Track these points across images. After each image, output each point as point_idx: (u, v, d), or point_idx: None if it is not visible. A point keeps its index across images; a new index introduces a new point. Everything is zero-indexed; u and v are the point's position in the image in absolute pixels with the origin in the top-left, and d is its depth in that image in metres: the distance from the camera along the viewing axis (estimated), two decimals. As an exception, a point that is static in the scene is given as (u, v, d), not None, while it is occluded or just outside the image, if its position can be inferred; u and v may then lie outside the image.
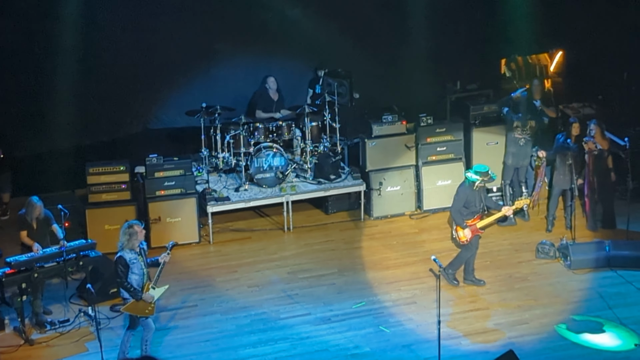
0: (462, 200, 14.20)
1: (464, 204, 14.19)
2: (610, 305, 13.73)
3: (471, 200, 14.17)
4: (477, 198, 14.20)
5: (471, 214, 14.20)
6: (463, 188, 14.24)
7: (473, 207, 14.20)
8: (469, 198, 14.17)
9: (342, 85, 17.24)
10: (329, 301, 14.16)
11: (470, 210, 14.21)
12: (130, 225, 12.28)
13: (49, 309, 13.86)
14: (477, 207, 14.21)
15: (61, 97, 16.76)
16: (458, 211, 14.22)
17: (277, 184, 16.41)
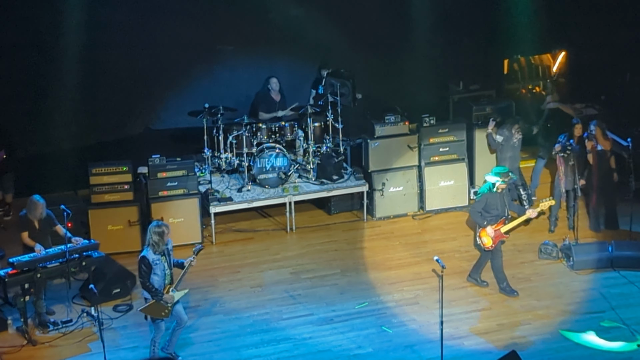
0: (482, 202, 13.91)
1: (486, 207, 13.91)
2: (613, 306, 13.73)
3: (492, 203, 13.90)
4: (499, 202, 13.90)
5: (494, 219, 13.92)
6: (483, 191, 14.01)
7: (495, 211, 13.91)
8: (490, 201, 13.90)
9: (344, 85, 17.24)
10: (332, 302, 14.16)
11: (493, 214, 13.91)
12: (159, 225, 12.23)
13: (52, 309, 13.87)
14: (499, 211, 13.92)
15: (64, 98, 16.78)
16: (477, 212, 13.94)
17: (279, 184, 16.41)
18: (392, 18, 18.25)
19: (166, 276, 12.28)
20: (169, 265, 12.30)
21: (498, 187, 13.85)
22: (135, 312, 13.96)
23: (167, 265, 12.27)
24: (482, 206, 13.90)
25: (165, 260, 12.24)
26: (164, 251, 12.23)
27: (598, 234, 15.72)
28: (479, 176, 17.03)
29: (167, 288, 12.27)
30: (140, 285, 12.35)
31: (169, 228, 12.26)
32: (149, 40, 17.27)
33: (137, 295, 14.21)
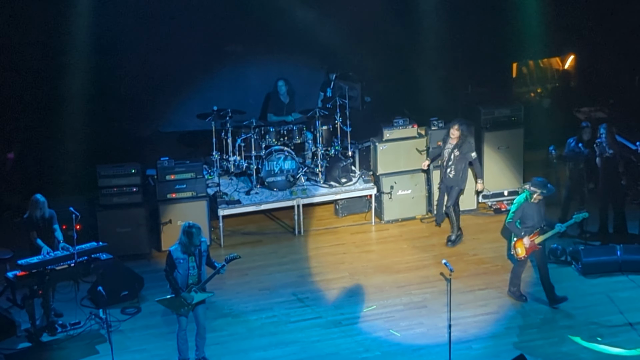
0: (518, 212, 13.69)
1: (522, 217, 13.70)
2: (621, 310, 13.70)
3: (529, 214, 13.67)
4: (535, 212, 13.68)
5: (529, 230, 13.72)
6: (520, 201, 13.76)
7: (531, 222, 13.67)
8: (526, 211, 13.67)
9: (353, 88, 17.24)
10: (340, 305, 14.16)
11: (528, 225, 13.70)
12: (190, 225, 12.22)
13: (60, 311, 13.88)
14: (535, 222, 13.69)
15: (73, 101, 16.79)
16: (514, 223, 13.75)
17: (288, 187, 16.42)
18: (401, 21, 18.23)
19: (190, 276, 12.29)
20: (198, 265, 12.30)
21: (535, 197, 13.61)
22: (143, 314, 13.99)
23: (196, 265, 12.28)
24: (519, 216, 13.70)
25: (193, 260, 12.25)
26: (195, 251, 12.24)
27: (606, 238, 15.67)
28: (487, 179, 17.00)
29: (190, 287, 12.29)
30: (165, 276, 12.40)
31: (200, 230, 12.24)
32: (157, 42, 17.28)
33: (145, 298, 14.24)
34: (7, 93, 16.90)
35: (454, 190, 15.64)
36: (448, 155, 15.51)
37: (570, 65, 19.60)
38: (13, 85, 16.89)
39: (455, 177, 15.52)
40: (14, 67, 16.80)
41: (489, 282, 14.64)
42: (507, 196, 17.03)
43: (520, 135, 17.11)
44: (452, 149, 15.45)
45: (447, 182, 15.67)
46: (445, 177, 15.65)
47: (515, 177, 17.15)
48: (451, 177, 15.54)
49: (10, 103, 16.97)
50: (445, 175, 15.67)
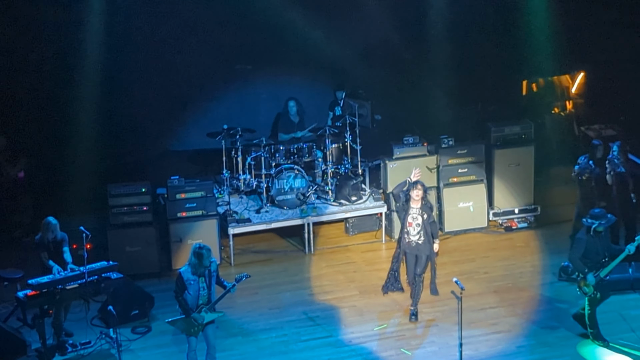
0: (579, 248, 13.16)
1: (585, 253, 13.13)
2: (633, 328, 13.64)
3: (592, 248, 13.10)
4: (599, 246, 13.10)
5: (595, 265, 13.14)
6: (581, 235, 13.26)
7: (595, 257, 13.12)
8: (589, 246, 13.10)
9: (363, 106, 17.26)
10: (350, 323, 14.13)
11: (593, 260, 13.12)
12: (200, 247, 12.22)
13: (70, 331, 13.88)
14: (600, 257, 13.13)
15: (83, 120, 16.85)
16: (577, 259, 13.16)
17: (298, 205, 16.41)
18: (411, 39, 18.26)
19: (200, 297, 12.29)
20: (208, 286, 12.29)
21: (593, 230, 13.12)
22: (153, 333, 13.98)
23: (206, 286, 12.28)
24: (582, 252, 13.19)
25: (203, 280, 12.24)
26: (204, 272, 12.23)
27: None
28: (498, 197, 17.00)
29: (200, 308, 12.27)
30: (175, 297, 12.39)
31: (209, 251, 12.23)
32: (168, 61, 17.36)
33: (155, 317, 14.23)
34: (18, 113, 16.97)
35: (423, 258, 13.84)
36: (414, 220, 13.76)
37: (580, 82, 19.57)
38: (24, 106, 16.96)
39: (425, 242, 13.77)
40: (25, 87, 16.88)
41: (500, 300, 14.60)
42: (517, 214, 17.00)
43: (531, 153, 17.08)
44: (418, 212, 13.73)
45: (414, 250, 13.83)
46: (412, 244, 13.80)
47: (526, 195, 17.11)
48: (420, 244, 13.75)
49: (21, 122, 17.04)
50: (409, 243, 13.81)
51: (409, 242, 13.80)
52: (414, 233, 13.73)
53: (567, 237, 15.90)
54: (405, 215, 13.73)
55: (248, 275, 12.71)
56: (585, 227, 13.26)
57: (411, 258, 13.91)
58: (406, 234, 13.78)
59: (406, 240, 13.80)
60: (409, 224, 13.72)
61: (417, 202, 13.62)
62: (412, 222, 13.71)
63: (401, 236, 13.92)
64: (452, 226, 16.84)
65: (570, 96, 19.58)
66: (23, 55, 16.75)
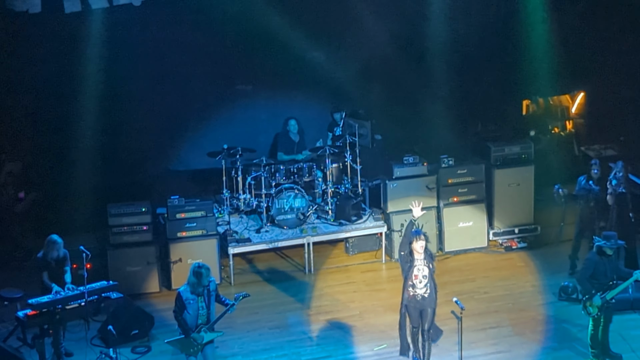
0: (588, 268, 13.13)
1: (594, 274, 13.09)
2: (633, 348, 13.63)
3: (601, 270, 13.07)
4: (607, 268, 13.08)
5: (602, 287, 13.10)
6: (590, 256, 13.26)
7: (603, 279, 13.08)
8: (598, 267, 13.07)
9: (363, 126, 17.29)
10: (350, 343, 14.11)
11: (601, 282, 13.09)
12: (199, 266, 12.23)
13: (70, 351, 13.86)
14: (608, 279, 13.09)
15: (83, 139, 16.89)
16: (585, 279, 13.14)
17: (298, 225, 16.42)
18: (411, 59, 18.30)
19: (199, 316, 12.28)
20: (207, 305, 12.29)
21: (601, 250, 13.12)
22: (153, 353, 13.97)
23: (205, 305, 12.27)
24: (590, 273, 13.16)
25: (202, 300, 12.24)
26: (203, 291, 12.23)
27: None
28: (499, 217, 17.02)
29: (199, 327, 12.27)
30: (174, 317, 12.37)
31: (208, 270, 12.24)
32: (168, 81, 17.40)
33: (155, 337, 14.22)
34: (17, 134, 17.00)
35: (429, 312, 12.99)
36: (420, 272, 12.87)
37: (580, 102, 19.62)
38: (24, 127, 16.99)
39: (430, 295, 12.92)
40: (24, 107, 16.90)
41: (500, 320, 14.59)
42: (517, 234, 17.01)
43: (531, 172, 17.11)
44: (423, 263, 12.88)
45: (419, 304, 12.94)
46: (417, 297, 12.91)
47: (526, 214, 17.12)
48: (426, 297, 12.89)
49: (21, 144, 17.06)
50: (414, 297, 12.92)
51: (413, 295, 12.84)
52: (420, 286, 12.81)
53: (567, 257, 15.91)
54: (410, 267, 12.82)
55: (247, 294, 12.71)
56: (595, 247, 13.24)
57: (415, 313, 12.96)
58: (411, 287, 12.83)
59: (410, 294, 12.85)
60: (414, 276, 12.79)
61: (420, 253, 12.80)
62: (419, 275, 12.79)
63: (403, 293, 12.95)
64: (452, 246, 16.84)
65: (570, 116, 19.62)
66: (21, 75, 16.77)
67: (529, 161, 17.18)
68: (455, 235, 16.83)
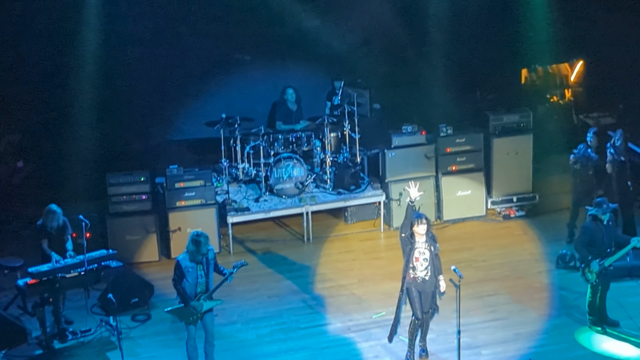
0: (584, 236, 13.20)
1: (590, 241, 13.14)
2: (631, 315, 13.69)
3: (597, 237, 13.11)
4: (604, 235, 13.10)
5: (600, 254, 13.13)
6: (586, 224, 13.29)
7: (601, 246, 13.12)
8: (595, 235, 13.11)
9: (361, 95, 17.27)
10: (349, 311, 14.17)
11: (598, 249, 13.12)
12: (198, 234, 12.26)
13: (71, 319, 13.93)
14: (605, 246, 13.13)
15: (82, 109, 16.87)
16: (582, 247, 13.21)
17: (296, 194, 16.45)
18: (409, 28, 18.27)
19: (199, 284, 12.32)
20: (206, 273, 12.34)
21: (599, 218, 13.16)
22: (153, 321, 14.03)
23: (204, 274, 12.32)
24: (587, 240, 13.21)
25: (201, 268, 12.29)
26: (202, 260, 12.28)
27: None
28: (497, 185, 17.04)
29: (198, 296, 12.32)
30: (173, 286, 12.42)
31: (207, 239, 12.27)
32: (167, 51, 17.37)
33: (155, 305, 14.29)
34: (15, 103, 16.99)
35: (429, 295, 12.75)
36: (421, 255, 12.60)
37: (579, 71, 19.60)
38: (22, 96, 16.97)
39: (431, 278, 12.63)
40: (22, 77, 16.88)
41: (498, 288, 14.65)
42: (515, 202, 17.04)
43: (529, 141, 17.11)
44: (424, 246, 12.61)
45: (419, 286, 12.66)
46: (417, 280, 12.62)
47: (524, 183, 17.14)
48: (427, 280, 12.61)
49: (20, 113, 17.06)
50: (414, 279, 12.63)
51: (414, 277, 12.56)
52: (421, 269, 12.54)
53: (565, 225, 15.95)
54: (412, 250, 12.54)
55: (245, 263, 12.76)
56: (590, 216, 13.29)
57: (416, 295, 12.67)
58: (412, 269, 12.55)
59: (411, 276, 12.57)
60: (415, 259, 12.52)
61: (422, 236, 12.53)
62: (419, 257, 12.52)
63: (404, 274, 12.66)
64: (450, 215, 16.87)
65: (569, 84, 19.60)
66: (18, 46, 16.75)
67: (528, 130, 17.18)
68: (454, 203, 16.86)
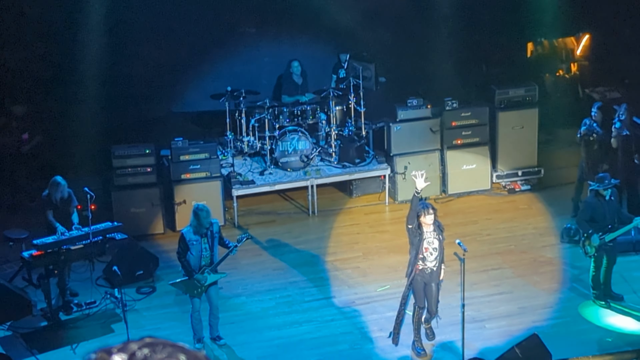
0: (586, 211, 13.25)
1: (592, 216, 13.19)
2: (635, 289, 13.71)
3: (599, 212, 13.13)
4: (606, 211, 13.11)
5: (602, 229, 13.14)
6: (588, 199, 13.41)
7: (602, 221, 13.11)
8: (597, 210, 13.13)
9: (367, 69, 17.23)
10: (353, 284, 14.20)
11: (600, 224, 13.13)
12: (200, 208, 12.28)
13: (76, 291, 13.97)
14: (607, 221, 13.12)
15: (87, 81, 16.83)
16: (583, 222, 13.23)
17: (301, 167, 16.44)
18: (415, 1, 18.19)
19: (203, 257, 12.35)
20: (210, 247, 12.36)
21: (601, 193, 13.18)
22: (158, 294, 14.07)
23: (208, 247, 12.34)
24: (589, 215, 13.22)
25: (206, 241, 12.31)
26: (206, 233, 12.30)
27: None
28: (502, 159, 17.02)
29: (202, 269, 12.35)
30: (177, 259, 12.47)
31: (208, 212, 12.27)
32: (172, 23, 17.31)
33: (160, 277, 14.32)
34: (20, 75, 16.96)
35: (434, 286, 12.42)
36: (430, 245, 12.24)
37: (585, 45, 19.52)
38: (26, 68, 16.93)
39: (438, 269, 12.33)
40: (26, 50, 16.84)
41: (502, 262, 14.67)
42: (521, 176, 17.03)
43: (535, 115, 17.08)
44: (433, 235, 12.26)
45: (426, 277, 12.34)
46: (426, 271, 12.28)
47: (530, 157, 17.12)
48: (435, 271, 12.30)
49: (24, 85, 17.03)
50: (423, 271, 12.28)
51: (422, 269, 12.20)
52: (431, 259, 12.19)
53: (570, 200, 15.94)
54: (420, 241, 12.18)
55: (250, 235, 12.79)
56: (592, 191, 13.28)
57: (420, 287, 12.36)
58: (421, 260, 12.19)
59: (419, 267, 12.20)
60: (425, 249, 12.16)
61: (429, 225, 12.19)
62: (429, 247, 12.17)
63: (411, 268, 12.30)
64: (455, 188, 16.87)
65: (574, 58, 19.53)
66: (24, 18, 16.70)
67: (533, 104, 17.14)
68: (459, 177, 16.85)
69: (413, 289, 12.37)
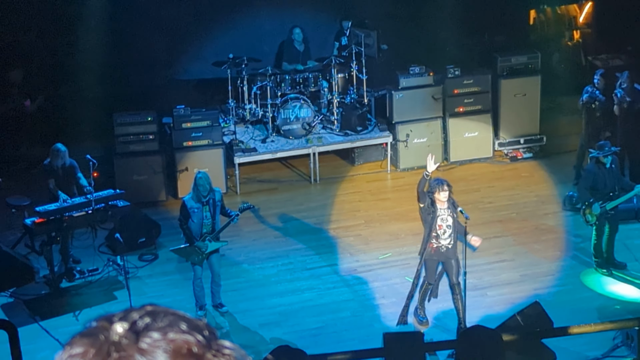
0: (587, 179, 13.24)
1: (593, 184, 13.12)
2: (637, 257, 13.73)
3: (600, 180, 13.06)
4: (607, 178, 13.05)
5: (603, 197, 13.07)
6: (589, 167, 13.41)
7: (603, 189, 13.05)
8: (597, 178, 13.06)
9: (369, 36, 17.17)
10: (355, 252, 14.22)
11: (601, 192, 13.06)
12: (199, 176, 12.30)
13: (78, 258, 14.00)
14: (608, 189, 13.06)
15: (89, 49, 16.78)
16: (584, 189, 13.20)
17: (303, 135, 16.42)
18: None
19: (204, 225, 12.36)
20: (212, 215, 12.37)
21: (601, 161, 13.13)
22: (160, 261, 14.10)
23: (210, 215, 12.35)
24: (590, 183, 13.19)
25: (207, 209, 12.32)
26: (208, 201, 12.30)
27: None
28: (504, 127, 17.00)
29: (204, 236, 12.37)
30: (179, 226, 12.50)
31: (206, 180, 12.25)
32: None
33: (162, 245, 14.34)
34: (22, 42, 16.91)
35: (453, 264, 12.06)
36: (444, 222, 11.90)
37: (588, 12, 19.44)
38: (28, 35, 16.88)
39: (454, 246, 12.01)
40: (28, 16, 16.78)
41: (504, 230, 14.68)
42: (523, 144, 17.01)
43: (537, 83, 17.04)
44: (447, 212, 11.92)
45: (442, 256, 12.05)
46: (441, 250, 11.96)
47: (532, 125, 17.10)
48: (450, 248, 11.97)
49: (26, 52, 16.99)
50: (438, 249, 11.97)
51: (437, 247, 11.89)
52: (445, 237, 11.86)
53: (572, 167, 15.93)
54: (434, 218, 11.82)
55: (251, 205, 12.81)
56: (593, 159, 13.27)
57: (433, 266, 12.09)
58: (435, 238, 11.85)
59: (434, 246, 11.88)
60: (439, 227, 11.83)
61: (444, 202, 11.87)
62: (443, 225, 11.83)
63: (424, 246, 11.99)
64: (457, 156, 16.86)
65: (577, 26, 19.46)
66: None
67: (536, 71, 17.09)
68: (461, 145, 16.84)
69: (425, 266, 12.15)
